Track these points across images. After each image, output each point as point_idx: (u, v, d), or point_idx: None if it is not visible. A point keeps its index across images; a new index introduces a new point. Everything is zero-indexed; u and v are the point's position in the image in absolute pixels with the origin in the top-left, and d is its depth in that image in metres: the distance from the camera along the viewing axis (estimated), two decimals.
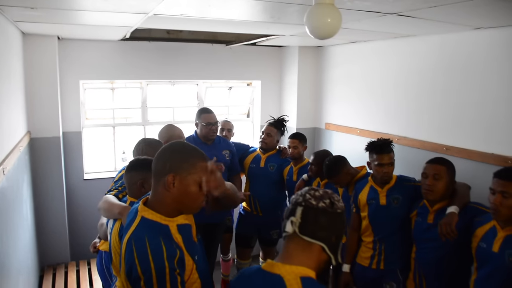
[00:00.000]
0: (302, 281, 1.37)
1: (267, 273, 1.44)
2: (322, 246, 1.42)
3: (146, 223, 1.58)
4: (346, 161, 3.24)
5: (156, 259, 1.47)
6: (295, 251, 1.44)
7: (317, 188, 1.51)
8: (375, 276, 3.01)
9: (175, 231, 1.60)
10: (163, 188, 1.59)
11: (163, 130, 3.37)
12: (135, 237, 1.54)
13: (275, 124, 3.95)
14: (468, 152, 3.25)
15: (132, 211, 1.69)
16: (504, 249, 2.23)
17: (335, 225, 1.44)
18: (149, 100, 4.94)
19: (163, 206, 1.61)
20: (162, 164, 1.61)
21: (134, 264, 1.48)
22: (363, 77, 4.36)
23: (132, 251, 1.51)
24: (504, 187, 2.20)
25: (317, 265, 1.44)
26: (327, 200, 1.45)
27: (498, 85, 3.03)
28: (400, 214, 2.88)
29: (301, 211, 1.44)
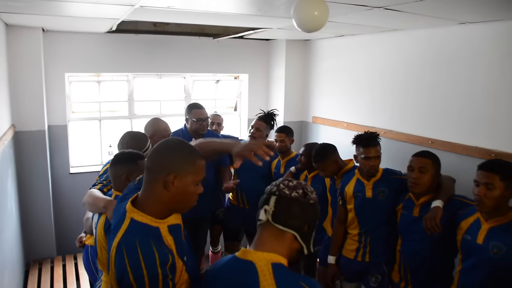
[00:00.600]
0: (273, 267, 1.41)
1: (240, 259, 1.48)
2: (294, 234, 1.47)
3: (136, 226, 1.51)
4: (335, 149, 3.26)
5: (148, 266, 1.42)
6: (268, 239, 1.49)
7: (291, 179, 1.56)
8: (360, 269, 3.04)
9: (166, 233, 1.55)
10: (161, 187, 1.53)
11: (149, 124, 3.35)
12: (126, 242, 1.47)
13: (264, 118, 3.94)
14: (452, 145, 3.29)
15: (119, 211, 1.60)
16: (488, 241, 2.26)
17: (307, 214, 1.50)
18: (136, 93, 4.90)
19: (156, 206, 1.54)
20: (161, 162, 1.55)
21: (126, 271, 1.42)
22: (350, 71, 4.38)
23: (123, 257, 1.44)
24: (488, 179, 2.23)
25: (289, 253, 1.48)
26: (300, 190, 1.51)
27: (482, 79, 3.07)
28: (386, 207, 2.91)
29: (275, 200, 1.50)
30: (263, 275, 1.39)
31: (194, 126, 3.68)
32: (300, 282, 1.39)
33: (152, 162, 1.57)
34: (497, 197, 2.21)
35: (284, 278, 1.40)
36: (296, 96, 5.13)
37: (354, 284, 3.14)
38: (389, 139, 3.80)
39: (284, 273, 1.41)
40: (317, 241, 3.45)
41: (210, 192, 3.89)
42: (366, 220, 2.97)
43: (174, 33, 4.64)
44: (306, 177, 3.53)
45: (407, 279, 2.79)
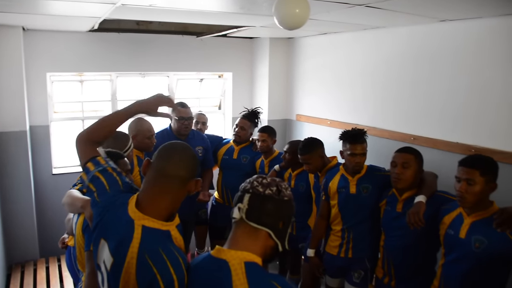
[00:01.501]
0: (246, 266, 1.40)
1: (214, 258, 1.47)
2: (268, 232, 1.47)
3: (151, 233, 1.51)
4: (322, 145, 3.27)
5: (177, 270, 1.45)
6: (242, 237, 1.48)
7: (266, 176, 1.55)
8: (343, 265, 3.06)
9: (176, 234, 1.58)
10: (185, 192, 1.59)
11: (132, 124, 3.31)
12: (149, 251, 1.47)
13: (248, 117, 3.94)
14: (434, 141, 3.33)
15: (120, 219, 1.55)
16: (470, 235, 2.29)
17: (281, 211, 1.49)
18: (119, 93, 4.86)
19: (170, 210, 1.57)
20: (193, 170, 1.60)
21: (155, 279, 1.43)
22: (333, 69, 4.41)
23: (149, 266, 1.44)
24: (469, 174, 2.25)
25: (263, 250, 1.48)
26: (274, 188, 1.50)
27: (463, 76, 3.12)
28: (369, 203, 2.93)
29: (248, 198, 1.48)
30: (236, 274, 1.38)
31: (178, 125, 3.66)
32: (273, 282, 1.38)
33: (186, 171, 1.58)
34: (478, 192, 2.24)
35: (257, 278, 1.39)
36: (280, 94, 5.14)
37: (338, 280, 3.16)
38: (372, 136, 3.81)
39: (256, 272, 1.41)
40: (302, 238, 3.49)
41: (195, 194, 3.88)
42: (350, 216, 2.99)
43: (157, 32, 4.62)
44: (290, 175, 3.54)
45: (391, 274, 2.81)
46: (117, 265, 1.50)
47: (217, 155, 4.06)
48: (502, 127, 2.90)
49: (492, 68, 2.93)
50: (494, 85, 2.92)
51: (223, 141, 4.16)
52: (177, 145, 1.65)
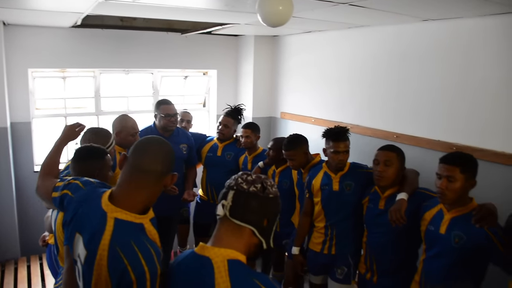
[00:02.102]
0: (228, 264, 1.39)
1: (198, 255, 1.45)
2: (252, 229, 1.45)
3: (123, 225, 1.51)
4: (307, 141, 3.29)
5: (149, 262, 1.45)
6: (225, 234, 1.46)
7: (251, 173, 1.53)
8: (326, 261, 3.08)
9: (150, 227, 1.57)
10: (161, 187, 1.60)
11: (117, 121, 3.30)
12: (120, 244, 1.47)
13: (231, 114, 3.94)
14: (416, 139, 3.38)
15: (94, 212, 1.56)
16: (450, 230, 2.33)
17: (266, 209, 1.47)
18: (103, 90, 4.82)
19: (144, 203, 1.57)
20: (168, 165, 1.61)
21: (126, 272, 1.43)
22: (317, 67, 4.43)
23: (121, 258, 1.45)
24: (449, 171, 2.29)
25: (247, 248, 1.47)
26: (258, 185, 1.48)
27: (444, 75, 3.17)
28: (352, 200, 2.95)
29: (232, 195, 1.46)
30: (218, 271, 1.37)
31: (163, 122, 3.64)
32: (255, 280, 1.36)
33: (162, 166, 1.58)
34: (458, 189, 2.28)
35: (239, 276, 1.38)
36: (265, 91, 5.15)
37: (321, 277, 3.18)
38: (355, 134, 3.85)
39: (239, 270, 1.39)
40: (285, 235, 3.51)
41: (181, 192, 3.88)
42: (333, 213, 3.01)
43: (142, 28, 4.58)
44: (274, 172, 3.55)
45: (373, 270, 2.85)
46: (90, 258, 1.51)
47: (201, 152, 4.05)
48: (482, 126, 2.95)
49: (473, 68, 2.97)
50: (475, 84, 2.96)
51: (207, 138, 4.16)
52: (153, 140, 1.66)
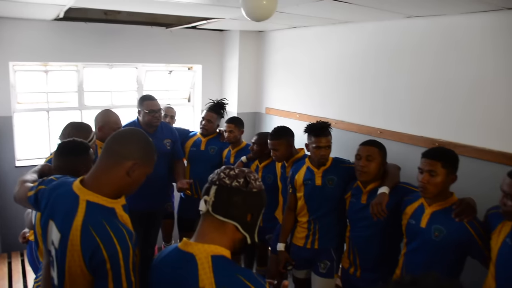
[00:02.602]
0: (212, 260, 1.38)
1: (181, 251, 1.44)
2: (235, 225, 1.44)
3: (94, 207, 1.57)
4: (293, 134, 3.31)
5: (121, 240, 1.50)
6: (209, 230, 1.45)
7: (234, 167, 1.50)
8: (310, 256, 3.10)
9: (121, 212, 1.63)
10: (123, 172, 1.61)
11: (99, 115, 3.29)
12: (92, 223, 1.52)
13: (214, 109, 3.94)
14: (399, 135, 3.40)
15: (65, 196, 1.62)
16: (430, 224, 2.36)
17: (250, 204, 1.45)
18: (86, 84, 4.76)
19: (112, 188, 1.61)
20: (130, 149, 1.63)
21: (98, 249, 1.48)
22: (303, 62, 4.43)
23: (93, 236, 1.49)
24: (431, 166, 2.32)
25: (231, 244, 1.45)
26: (241, 179, 1.46)
27: (427, 71, 3.19)
28: (334, 194, 2.97)
29: (215, 190, 1.44)
30: (202, 268, 1.36)
31: (147, 118, 3.61)
32: (239, 276, 1.35)
33: (120, 147, 1.64)
34: (439, 183, 2.31)
35: (223, 271, 1.36)
36: (250, 87, 5.15)
37: (305, 271, 3.20)
38: (340, 130, 3.88)
39: (223, 266, 1.38)
40: (269, 229, 3.52)
41: (163, 186, 3.86)
42: (315, 208, 3.03)
43: (126, 22, 4.54)
44: (258, 167, 3.56)
45: (356, 264, 2.87)
46: (64, 239, 1.54)
47: (184, 147, 4.04)
48: (464, 122, 2.98)
49: (455, 64, 3.00)
50: (457, 80, 2.99)
51: (190, 133, 4.15)
52: (130, 128, 1.75)
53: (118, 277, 1.50)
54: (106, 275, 1.49)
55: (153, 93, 3.84)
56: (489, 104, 2.82)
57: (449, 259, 2.33)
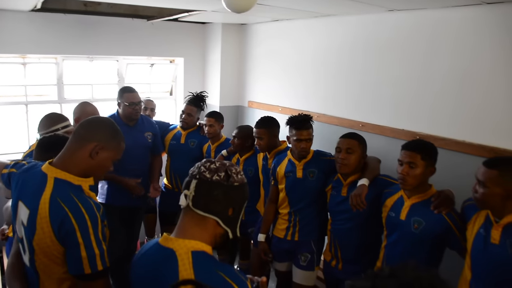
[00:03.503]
0: (193, 256, 1.35)
1: (162, 247, 1.42)
2: (216, 220, 1.42)
3: (62, 182, 1.65)
4: (279, 125, 3.34)
5: (88, 209, 1.59)
6: (189, 225, 1.43)
7: (215, 161, 1.47)
8: (290, 247, 3.11)
9: (87, 189, 1.72)
10: (86, 153, 1.70)
11: (77, 108, 3.28)
12: (60, 195, 1.61)
13: (194, 102, 3.91)
14: (381, 128, 3.42)
15: (34, 176, 1.70)
16: (410, 216, 2.39)
17: (231, 198, 1.43)
18: (66, 77, 4.68)
19: (76, 169, 1.69)
20: (93, 132, 1.73)
21: (67, 218, 1.55)
22: (285, 56, 4.42)
23: (61, 207, 1.57)
24: (411, 158, 2.34)
25: (212, 239, 1.43)
26: (222, 173, 1.43)
27: (409, 65, 3.20)
28: (315, 187, 2.98)
29: (195, 184, 1.42)
30: (182, 264, 1.33)
31: (127, 111, 3.57)
32: (219, 272, 1.33)
33: (85, 130, 1.74)
34: (418, 175, 2.33)
35: (203, 267, 1.34)
36: (232, 80, 5.12)
37: (286, 264, 3.22)
38: (322, 123, 3.88)
39: (204, 262, 1.36)
40: (251, 223, 3.52)
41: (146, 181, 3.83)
42: (296, 200, 3.04)
43: (106, 14, 4.45)
44: (238, 160, 3.55)
45: (338, 257, 2.89)
46: (32, 215, 1.61)
47: (164, 141, 4.01)
48: (444, 115, 3.01)
49: (436, 58, 3.02)
50: (438, 74, 3.02)
51: (170, 126, 4.12)
52: (99, 116, 1.89)
53: (89, 245, 1.58)
54: (78, 243, 1.57)
55: (134, 86, 3.79)
56: (470, 97, 2.85)
57: (428, 251, 2.35)
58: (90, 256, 1.58)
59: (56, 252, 1.61)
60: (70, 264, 1.62)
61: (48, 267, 1.65)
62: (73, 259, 1.60)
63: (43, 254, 1.62)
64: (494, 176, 1.96)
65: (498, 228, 2.01)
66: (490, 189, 1.97)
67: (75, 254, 1.58)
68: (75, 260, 1.59)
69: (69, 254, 1.60)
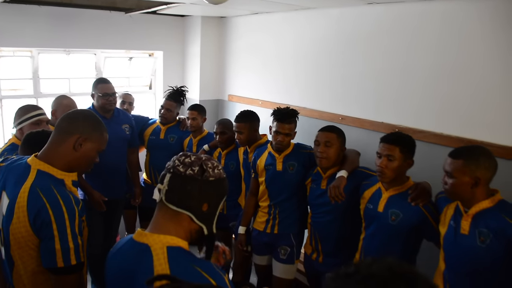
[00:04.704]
0: (168, 251, 1.32)
1: (136, 242, 1.38)
2: (189, 215, 1.38)
3: (44, 175, 1.67)
4: (259, 119, 3.34)
5: (67, 203, 1.60)
6: (163, 220, 1.39)
7: (191, 154, 1.43)
8: (269, 240, 3.11)
9: (70, 184, 1.73)
10: (70, 146, 1.72)
11: (53, 101, 3.27)
12: (40, 186, 1.61)
13: (174, 97, 3.87)
14: (360, 121, 3.43)
15: (18, 168, 1.72)
16: (387, 208, 2.40)
17: (205, 193, 1.39)
18: (42, 71, 4.58)
19: (60, 162, 1.71)
20: (75, 124, 1.75)
21: (44, 208, 1.56)
22: (265, 49, 4.40)
23: (39, 197, 1.58)
24: (389, 150, 2.35)
25: (187, 234, 1.40)
26: (196, 168, 1.38)
27: (388, 57, 3.22)
28: (295, 180, 2.98)
29: (169, 178, 1.38)
30: (157, 259, 1.30)
31: (101, 102, 3.51)
32: (196, 267, 1.29)
33: (66, 123, 1.76)
34: (396, 168, 2.35)
35: (179, 263, 1.31)
36: (212, 74, 5.08)
37: (265, 257, 3.21)
38: (302, 116, 3.86)
39: (179, 257, 1.33)
40: (232, 217, 3.50)
41: (123, 173, 3.78)
42: (276, 193, 3.04)
43: (83, 6, 4.36)
44: (220, 154, 3.52)
45: (318, 250, 2.90)
46: (11, 204, 1.61)
47: (143, 135, 3.97)
48: (423, 108, 3.03)
49: (414, 51, 3.04)
50: (416, 67, 3.03)
51: (149, 121, 4.07)
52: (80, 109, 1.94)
53: (64, 238, 1.58)
54: (52, 236, 1.56)
55: (113, 80, 3.73)
56: (448, 90, 2.87)
57: (405, 242, 2.38)
58: (64, 250, 1.58)
59: (31, 243, 1.61)
60: (44, 256, 1.61)
61: (22, 259, 1.63)
62: (46, 252, 1.59)
63: (18, 245, 1.61)
64: (460, 165, 2.00)
65: (467, 219, 2.04)
66: (458, 179, 2.00)
67: (49, 247, 1.58)
68: (48, 252, 1.59)
69: (43, 246, 1.60)
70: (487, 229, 1.97)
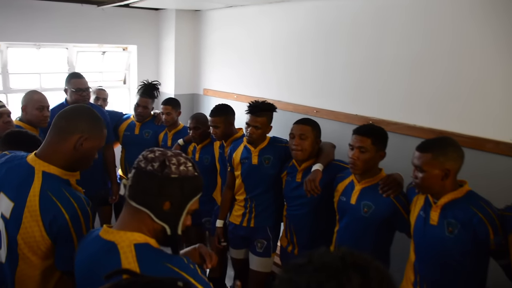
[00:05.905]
0: (135, 248, 1.28)
1: (102, 239, 1.34)
2: (148, 213, 1.33)
3: (51, 176, 1.62)
4: (234, 113, 3.31)
5: (80, 204, 1.58)
6: (128, 217, 1.35)
7: (156, 150, 1.38)
8: (245, 234, 3.11)
9: (75, 184, 1.71)
10: (71, 146, 1.65)
11: (23, 97, 3.17)
12: (50, 189, 1.57)
13: (148, 93, 3.81)
14: (335, 114, 3.45)
15: (19, 168, 1.66)
16: (360, 200, 2.42)
17: (166, 191, 1.32)
18: (11, 66, 4.46)
19: (61, 161, 1.66)
20: (75, 123, 1.67)
21: (59, 213, 1.53)
22: (240, 42, 4.38)
23: (53, 201, 1.54)
24: (361, 142, 2.36)
25: (152, 233, 1.35)
26: (156, 163, 1.32)
27: (362, 50, 3.24)
28: (271, 173, 2.98)
29: (132, 174, 1.35)
30: (125, 257, 1.26)
31: (74, 97, 3.45)
32: (166, 264, 1.26)
33: (65, 122, 1.68)
34: (368, 159, 2.36)
35: (149, 260, 1.27)
36: (187, 68, 5.04)
37: (242, 251, 3.21)
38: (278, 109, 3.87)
39: (148, 255, 1.29)
40: (206, 212, 3.49)
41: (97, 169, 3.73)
42: (252, 187, 3.03)
43: None
44: (195, 148, 3.50)
45: (294, 242, 2.90)
46: (18, 208, 1.56)
47: (118, 131, 3.91)
48: (396, 100, 3.06)
49: (387, 43, 3.06)
50: (389, 59, 3.06)
51: (124, 116, 4.02)
52: (76, 105, 1.82)
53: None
54: (70, 239, 1.55)
55: (86, 75, 3.66)
56: (420, 82, 2.91)
57: (378, 234, 2.40)
58: None
59: (43, 246, 1.58)
60: (59, 259, 1.60)
61: (28, 259, 1.59)
62: (63, 255, 1.58)
63: (29, 249, 1.57)
64: (429, 158, 2.01)
65: (436, 210, 2.07)
66: (428, 172, 2.01)
67: (66, 250, 1.56)
68: (65, 255, 1.57)
69: (59, 250, 1.58)
70: (455, 220, 1.99)
